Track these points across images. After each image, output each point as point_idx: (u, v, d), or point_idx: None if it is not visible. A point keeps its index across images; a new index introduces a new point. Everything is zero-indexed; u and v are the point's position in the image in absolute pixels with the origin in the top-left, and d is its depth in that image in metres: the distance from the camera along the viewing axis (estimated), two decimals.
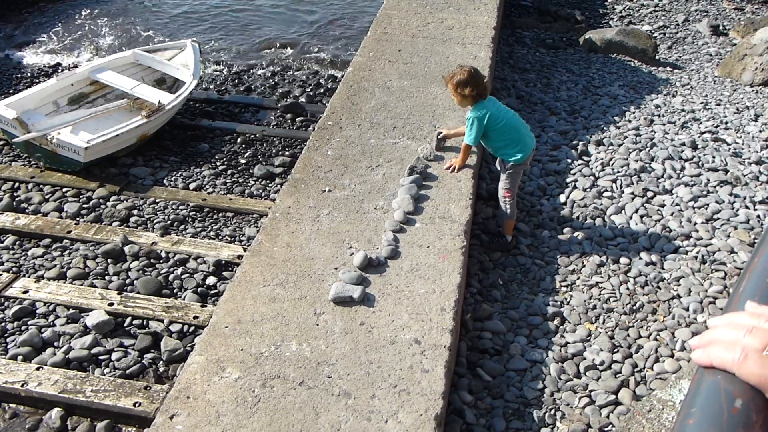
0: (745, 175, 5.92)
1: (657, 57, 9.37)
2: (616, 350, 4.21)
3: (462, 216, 4.52)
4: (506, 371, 4.06)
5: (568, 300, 4.63)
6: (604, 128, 6.87)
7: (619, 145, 6.45)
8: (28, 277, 4.88)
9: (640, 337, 4.32)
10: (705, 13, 11.57)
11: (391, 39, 7.11)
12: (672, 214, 5.43)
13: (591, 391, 3.92)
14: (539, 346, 4.24)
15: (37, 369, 4.05)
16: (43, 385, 3.93)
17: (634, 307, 4.54)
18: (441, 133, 5.15)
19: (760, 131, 6.76)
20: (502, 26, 9.14)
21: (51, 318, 4.53)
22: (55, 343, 4.34)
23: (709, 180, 5.84)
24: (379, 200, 4.66)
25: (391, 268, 4.04)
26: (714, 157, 6.19)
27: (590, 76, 8.46)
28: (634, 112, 7.25)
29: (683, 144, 6.41)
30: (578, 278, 4.83)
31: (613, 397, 3.87)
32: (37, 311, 4.57)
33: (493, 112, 4.61)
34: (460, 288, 3.97)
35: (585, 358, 4.14)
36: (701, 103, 7.58)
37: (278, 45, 10.46)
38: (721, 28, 10.78)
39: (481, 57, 6.72)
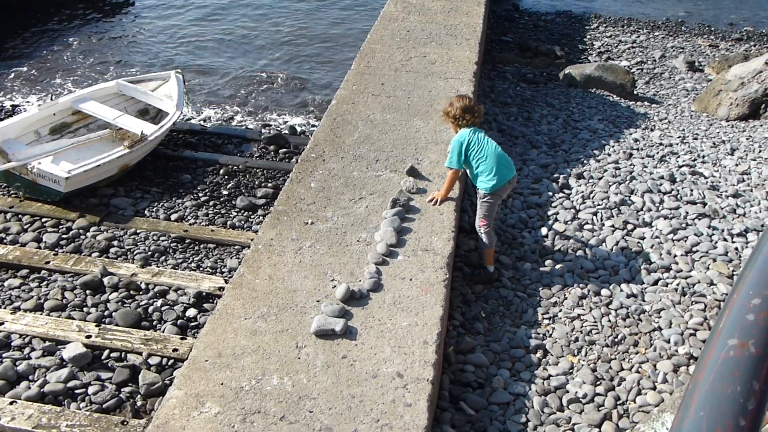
0: (722, 208, 6.03)
1: (635, 92, 9.59)
2: (598, 383, 4.21)
3: (444, 248, 4.55)
4: (489, 405, 4.04)
5: (550, 332, 4.64)
6: (584, 161, 6.97)
7: (599, 178, 6.55)
8: (5, 308, 4.80)
9: (623, 369, 4.33)
10: (681, 50, 11.89)
11: (375, 72, 7.21)
12: (652, 247, 5.50)
13: (574, 424, 3.92)
14: (522, 379, 4.24)
15: (11, 403, 3.96)
16: (16, 420, 3.84)
17: (616, 339, 4.57)
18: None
19: (736, 165, 6.90)
20: (483, 61, 9.31)
21: (26, 351, 4.45)
22: (30, 377, 4.26)
23: (687, 213, 5.94)
24: (361, 233, 4.67)
25: (373, 300, 4.03)
26: (692, 190, 6.30)
27: (570, 110, 8.61)
28: (613, 146, 7.38)
29: (662, 177, 6.53)
30: (560, 310, 4.85)
31: (597, 430, 3.87)
32: (12, 343, 4.49)
33: (473, 136, 4.80)
34: (443, 321, 3.97)
35: (568, 391, 4.14)
36: (679, 137, 7.74)
37: (263, 77, 10.55)
38: (696, 64, 11.07)
39: (463, 90, 6.82)
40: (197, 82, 10.18)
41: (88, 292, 5.03)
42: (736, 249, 5.48)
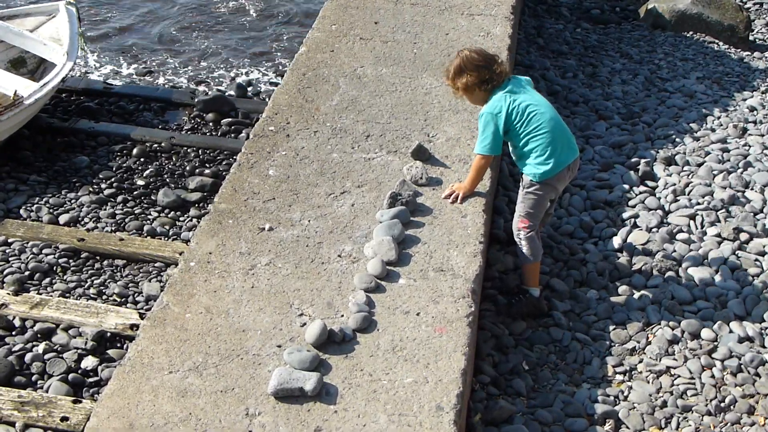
0: None
1: (751, 37, 9.59)
2: None
3: (469, 268, 4.54)
4: None
5: (625, 394, 4.64)
6: (677, 140, 6.98)
7: (699, 165, 6.55)
8: None
9: None
10: None
11: (365, 5, 7.21)
12: None
13: None
14: None
15: None
16: None
17: (723, 404, 4.57)
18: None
19: None
20: None
21: None
22: None
23: None
24: (344, 244, 4.66)
25: (362, 345, 4.02)
26: None
27: (655, 64, 8.62)
28: (719, 117, 7.39)
29: None
30: (640, 361, 4.84)
31: None
32: None
33: (513, 100, 4.70)
34: (466, 376, 3.96)
35: None
36: None
37: (199, 12, 10.53)
38: None
39: (496, 34, 6.83)
40: (100, 17, 10.17)
41: None
42: None
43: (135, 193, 6.56)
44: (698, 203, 6.08)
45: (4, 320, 5.10)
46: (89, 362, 4.87)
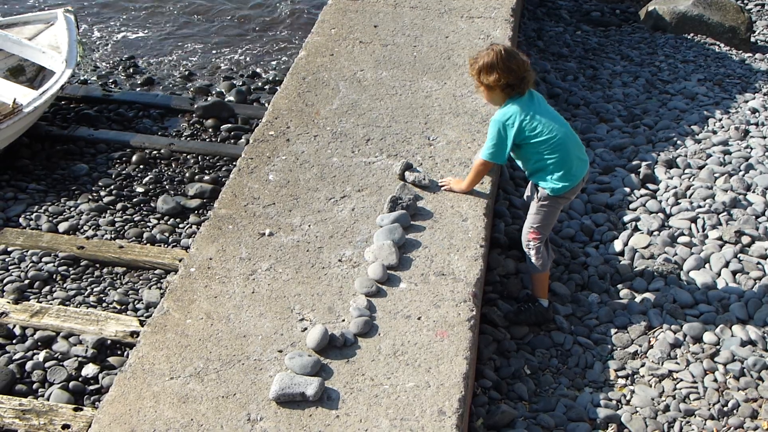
0: None
1: (753, 39, 9.61)
2: None
3: (470, 272, 4.56)
4: None
5: (627, 398, 4.66)
6: (678, 142, 7.00)
7: (700, 168, 6.57)
8: None
9: None
10: None
11: (364, 9, 7.23)
12: None
13: None
14: None
15: None
16: None
17: (725, 408, 4.58)
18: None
19: None
20: None
21: None
22: None
23: None
24: (345, 248, 4.68)
25: (363, 350, 4.04)
26: None
27: (656, 66, 8.64)
28: (720, 119, 7.41)
29: None
30: (642, 365, 4.86)
31: None
32: None
33: (529, 115, 4.64)
34: (467, 380, 3.98)
35: None
36: None
37: (197, 18, 10.56)
38: None
39: (496, 37, 6.85)
40: (98, 24, 10.19)
41: None
42: None
43: (134, 200, 6.58)
44: (699, 206, 6.09)
45: (5, 329, 5.12)
46: (90, 370, 4.89)
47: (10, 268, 5.69)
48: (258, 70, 9.34)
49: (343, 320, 4.18)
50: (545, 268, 5.03)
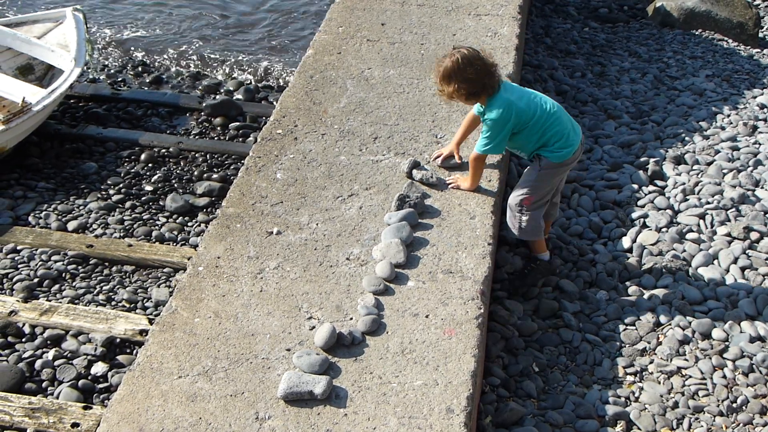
0: None
1: (761, 34, 9.58)
2: None
3: (478, 269, 4.55)
4: None
5: (636, 395, 4.65)
6: (686, 139, 6.98)
7: (709, 164, 6.55)
8: None
9: None
10: None
11: (371, 7, 7.22)
12: None
13: None
14: None
15: None
16: None
17: (735, 405, 4.57)
18: (444, 155, 5.27)
19: None
20: None
21: None
22: None
23: None
24: (353, 247, 4.68)
25: (371, 348, 4.03)
26: None
27: (664, 63, 8.62)
28: (729, 116, 7.38)
29: None
30: (651, 362, 4.85)
31: None
32: None
33: (520, 102, 4.68)
34: (476, 378, 3.97)
35: None
36: None
37: (205, 16, 10.57)
38: None
39: (503, 34, 6.84)
40: (107, 23, 10.20)
41: None
42: None
43: (143, 198, 6.60)
44: (708, 202, 6.08)
45: (14, 327, 5.14)
46: (99, 368, 4.90)
47: (19, 266, 5.70)
48: (266, 67, 9.34)
49: (351, 318, 4.18)
50: (539, 234, 5.09)
